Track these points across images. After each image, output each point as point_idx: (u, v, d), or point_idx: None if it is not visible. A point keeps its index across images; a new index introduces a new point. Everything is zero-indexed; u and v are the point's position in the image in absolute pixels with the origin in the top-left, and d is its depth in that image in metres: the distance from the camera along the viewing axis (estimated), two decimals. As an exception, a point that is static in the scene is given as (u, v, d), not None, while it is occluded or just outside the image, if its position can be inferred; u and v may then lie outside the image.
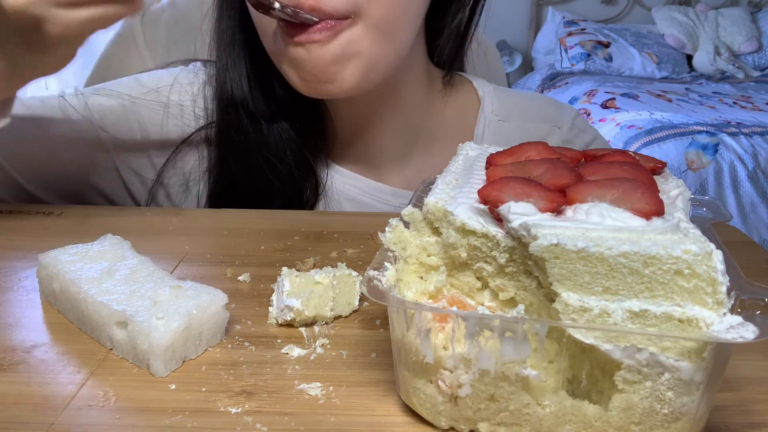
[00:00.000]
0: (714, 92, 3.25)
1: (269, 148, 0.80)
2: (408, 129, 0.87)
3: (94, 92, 0.84)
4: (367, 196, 0.86)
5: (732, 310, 0.37)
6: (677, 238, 0.37)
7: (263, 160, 0.80)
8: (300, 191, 0.83)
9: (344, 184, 0.86)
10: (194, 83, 0.85)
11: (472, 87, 0.93)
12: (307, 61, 0.69)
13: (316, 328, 0.53)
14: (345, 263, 0.57)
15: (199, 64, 0.87)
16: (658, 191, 0.42)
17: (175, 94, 0.85)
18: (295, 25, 0.67)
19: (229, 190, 0.83)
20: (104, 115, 0.82)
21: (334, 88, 0.71)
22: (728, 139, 2.49)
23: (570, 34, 3.69)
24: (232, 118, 0.80)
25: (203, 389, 0.45)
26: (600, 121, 2.83)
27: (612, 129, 2.71)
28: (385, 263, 0.44)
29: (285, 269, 0.55)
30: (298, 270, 0.63)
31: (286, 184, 0.82)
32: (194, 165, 0.85)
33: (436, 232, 0.46)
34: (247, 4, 0.69)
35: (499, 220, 0.42)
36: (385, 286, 0.41)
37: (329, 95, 0.73)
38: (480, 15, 0.85)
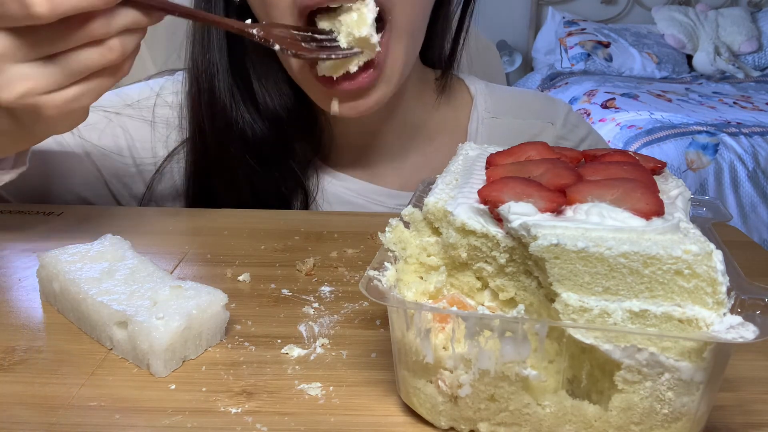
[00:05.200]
0: (714, 92, 3.25)
1: (254, 160, 0.79)
2: (404, 129, 0.87)
3: None
4: (362, 199, 0.85)
5: (732, 310, 0.37)
6: (677, 238, 0.37)
7: (248, 173, 0.80)
8: (287, 203, 0.83)
9: (338, 188, 0.85)
10: (179, 93, 0.84)
11: (464, 85, 0.93)
12: (350, 106, 0.70)
13: (315, 328, 0.53)
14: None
15: (183, 73, 0.87)
16: (658, 191, 0.42)
17: (159, 107, 0.84)
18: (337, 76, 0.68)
19: (212, 203, 0.82)
20: (90, 129, 0.82)
21: (363, 105, 0.72)
22: (728, 139, 2.49)
23: (570, 34, 3.69)
24: (220, 134, 0.79)
25: (203, 389, 0.45)
26: (600, 121, 2.84)
27: (612, 129, 2.71)
28: (385, 263, 0.44)
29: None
30: (298, 270, 0.63)
31: (272, 197, 0.81)
32: (182, 174, 0.85)
33: (436, 232, 0.46)
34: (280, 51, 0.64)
35: (499, 220, 0.42)
36: (385, 286, 0.41)
37: (359, 114, 0.73)
38: (471, 18, 0.85)
